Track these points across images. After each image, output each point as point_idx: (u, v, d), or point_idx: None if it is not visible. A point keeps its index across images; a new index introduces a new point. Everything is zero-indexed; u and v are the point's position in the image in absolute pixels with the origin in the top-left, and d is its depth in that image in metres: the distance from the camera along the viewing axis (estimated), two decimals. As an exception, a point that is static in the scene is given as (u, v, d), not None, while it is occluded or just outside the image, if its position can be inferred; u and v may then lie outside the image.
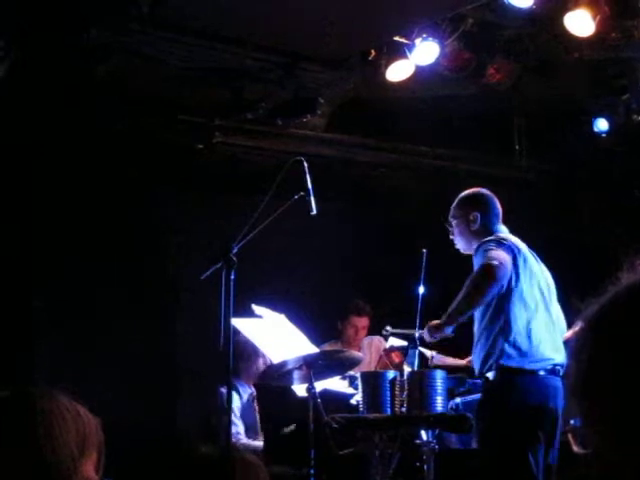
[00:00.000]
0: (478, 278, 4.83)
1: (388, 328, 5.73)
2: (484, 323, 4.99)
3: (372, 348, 7.13)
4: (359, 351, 6.88)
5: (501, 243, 4.96)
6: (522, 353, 4.89)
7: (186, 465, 2.41)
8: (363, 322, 7.25)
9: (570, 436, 1.25)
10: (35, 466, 1.77)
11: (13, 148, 6.77)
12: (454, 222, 5.23)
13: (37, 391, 1.88)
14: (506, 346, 4.88)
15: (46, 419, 1.80)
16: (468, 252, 5.23)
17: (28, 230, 7.10)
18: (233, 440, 6.09)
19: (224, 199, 7.59)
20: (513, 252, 4.95)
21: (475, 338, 5.07)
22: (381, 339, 7.20)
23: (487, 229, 5.14)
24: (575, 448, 1.22)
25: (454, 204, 5.28)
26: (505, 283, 4.88)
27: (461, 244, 5.24)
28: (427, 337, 4.99)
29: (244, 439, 6.46)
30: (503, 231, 5.16)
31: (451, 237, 5.25)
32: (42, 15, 5.61)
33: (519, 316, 4.91)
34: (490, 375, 4.91)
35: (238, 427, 6.44)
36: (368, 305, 7.31)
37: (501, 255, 4.86)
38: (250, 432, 6.58)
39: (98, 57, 6.13)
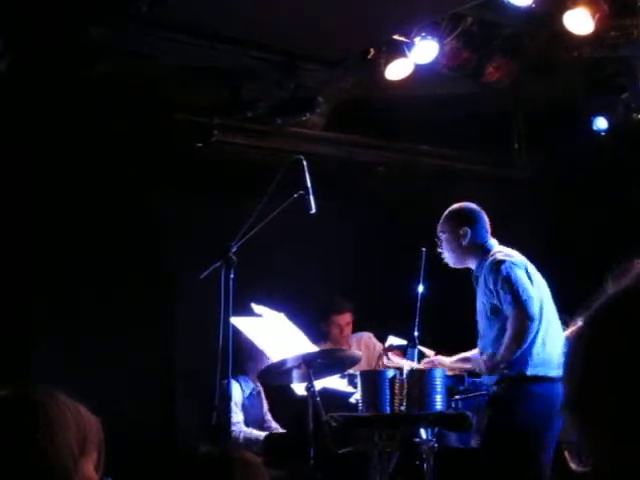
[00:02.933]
0: (518, 322, 4.90)
1: (390, 337, 5.76)
2: (495, 333, 5.02)
3: (361, 345, 7.13)
4: (348, 348, 6.90)
5: (514, 261, 5.01)
6: (542, 361, 4.95)
7: (186, 465, 2.41)
8: (346, 318, 7.21)
9: (566, 453, 1.26)
10: (36, 465, 1.77)
11: (12, 148, 6.76)
12: (443, 237, 5.25)
13: (38, 390, 1.88)
14: (526, 355, 4.93)
15: (47, 418, 1.80)
16: (458, 266, 5.26)
17: (28, 230, 7.10)
18: (233, 428, 6.15)
19: (223, 198, 7.58)
20: (525, 267, 5.00)
21: (487, 347, 5.08)
22: (370, 335, 7.22)
23: (478, 244, 5.18)
24: (572, 465, 1.22)
25: (442, 219, 5.29)
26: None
27: (451, 259, 5.26)
28: (485, 370, 5.05)
29: (244, 428, 6.51)
30: (495, 245, 5.19)
31: (439, 250, 5.27)
32: (40, 14, 5.60)
33: (537, 325, 4.95)
34: (506, 382, 4.94)
35: (238, 416, 6.49)
36: (348, 301, 7.28)
37: (522, 281, 4.94)
38: (253, 425, 6.62)
39: (97, 56, 6.12)
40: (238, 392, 6.58)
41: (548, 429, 4.81)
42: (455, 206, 5.34)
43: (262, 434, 6.44)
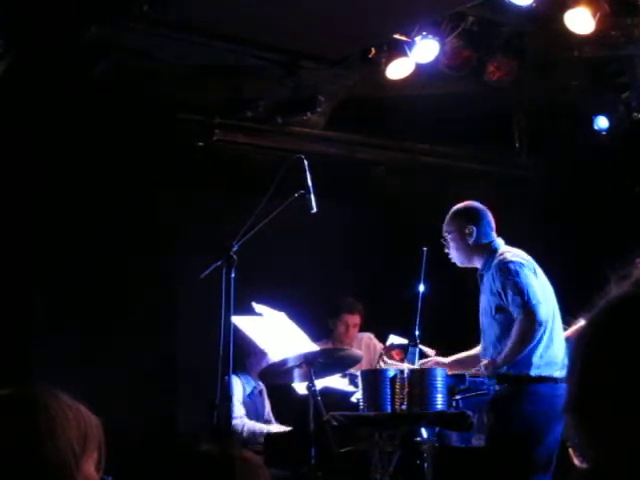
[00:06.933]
0: (526, 326, 4.88)
1: (391, 336, 5.75)
2: (498, 333, 5.01)
3: (362, 345, 7.14)
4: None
5: (523, 262, 5.00)
6: (546, 362, 4.94)
7: (186, 463, 2.41)
8: (355, 319, 7.25)
9: (571, 450, 1.26)
10: (37, 464, 1.77)
11: (12, 147, 6.76)
12: (449, 237, 5.23)
13: (39, 389, 1.88)
14: (530, 355, 4.92)
15: (48, 417, 1.80)
16: (466, 266, 5.25)
17: (28, 230, 7.10)
18: (235, 422, 6.14)
19: (224, 197, 7.58)
20: (533, 268, 5.00)
21: (488, 347, 5.08)
22: (371, 336, 7.24)
23: (484, 242, 5.17)
24: (576, 462, 1.23)
25: (448, 218, 5.27)
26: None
27: (458, 258, 5.24)
28: (487, 373, 5.02)
29: (247, 421, 6.52)
30: (501, 244, 5.19)
31: (446, 251, 5.26)
32: (41, 12, 5.60)
33: (543, 328, 4.95)
34: (509, 382, 4.93)
35: (240, 410, 6.52)
36: (360, 303, 7.31)
37: (531, 284, 4.92)
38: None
39: (97, 56, 6.12)
40: (239, 388, 6.60)
41: (551, 429, 4.79)
42: (460, 205, 5.32)
43: (266, 427, 6.45)
